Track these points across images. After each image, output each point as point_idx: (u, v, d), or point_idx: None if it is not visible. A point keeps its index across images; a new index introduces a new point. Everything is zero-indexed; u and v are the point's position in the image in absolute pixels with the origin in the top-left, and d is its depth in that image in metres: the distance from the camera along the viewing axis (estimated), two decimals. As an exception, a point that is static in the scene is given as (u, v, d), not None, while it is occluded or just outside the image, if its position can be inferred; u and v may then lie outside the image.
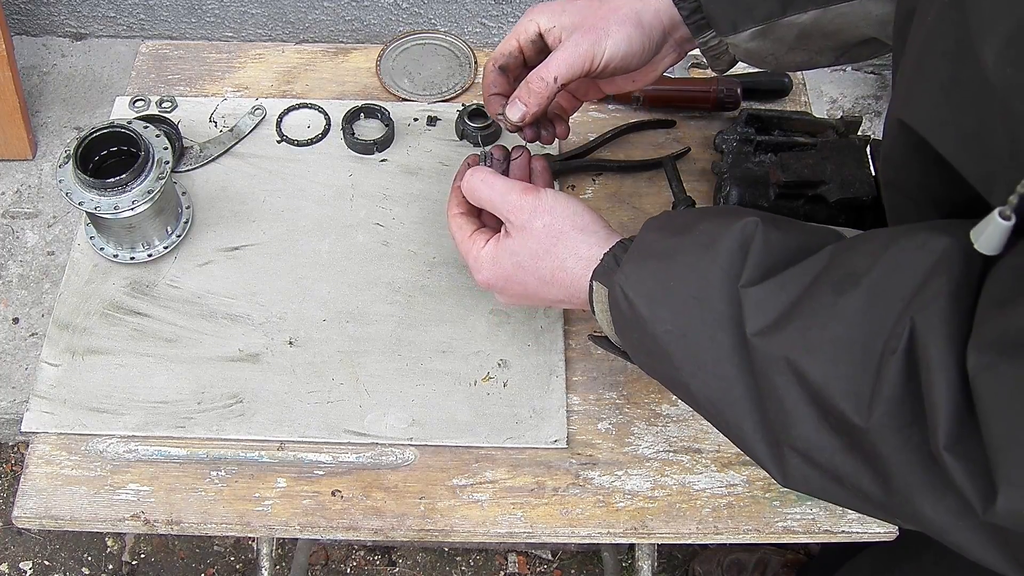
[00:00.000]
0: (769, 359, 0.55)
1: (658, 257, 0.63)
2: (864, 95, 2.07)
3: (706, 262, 0.59)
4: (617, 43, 0.76)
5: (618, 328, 0.67)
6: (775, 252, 0.58)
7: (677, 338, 0.60)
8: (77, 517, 0.81)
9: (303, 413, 0.86)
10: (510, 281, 0.75)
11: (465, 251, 0.78)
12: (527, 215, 0.73)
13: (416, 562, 1.70)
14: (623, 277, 0.64)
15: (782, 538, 0.83)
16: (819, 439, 0.54)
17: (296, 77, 1.09)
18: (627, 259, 0.65)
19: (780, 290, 0.56)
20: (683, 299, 0.60)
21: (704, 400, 0.61)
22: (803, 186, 0.89)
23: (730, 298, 0.57)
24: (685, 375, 0.61)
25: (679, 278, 0.61)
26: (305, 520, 0.81)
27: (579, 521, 0.82)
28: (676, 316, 0.60)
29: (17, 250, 1.79)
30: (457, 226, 0.79)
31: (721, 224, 0.60)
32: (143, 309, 0.91)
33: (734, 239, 0.58)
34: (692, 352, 0.60)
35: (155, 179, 0.87)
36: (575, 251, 0.71)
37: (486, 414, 0.86)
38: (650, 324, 0.62)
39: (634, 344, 0.66)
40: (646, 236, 0.66)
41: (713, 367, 0.59)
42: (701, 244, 0.60)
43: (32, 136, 1.87)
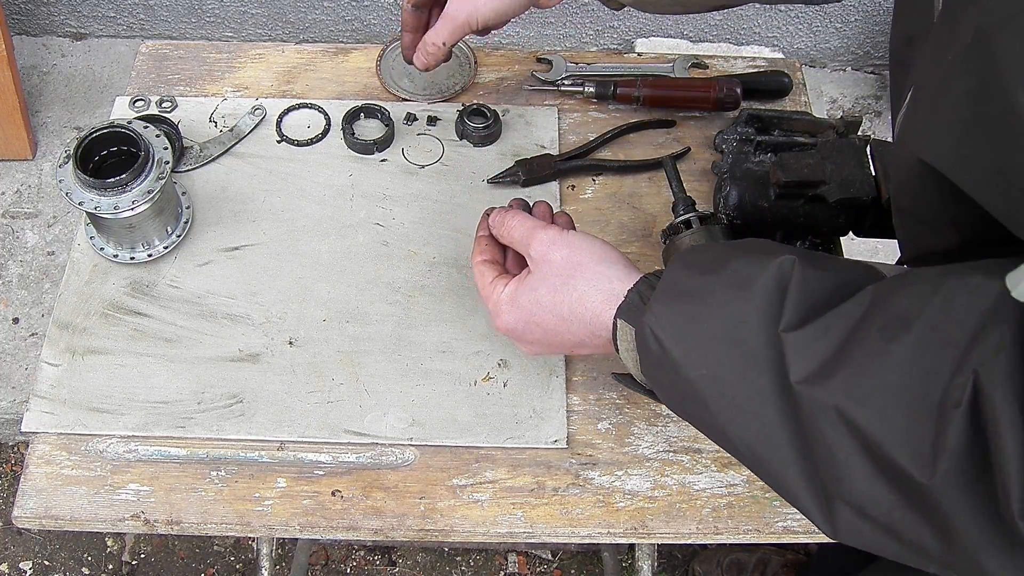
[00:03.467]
0: (817, 408, 0.52)
1: (689, 297, 0.60)
2: (864, 95, 2.07)
3: (741, 303, 0.57)
4: (485, 13, 0.88)
5: (646, 369, 0.65)
6: (814, 292, 0.55)
7: (712, 382, 0.58)
8: (77, 517, 0.81)
9: (303, 413, 0.86)
10: (529, 323, 0.73)
11: (486, 296, 0.77)
12: (546, 246, 0.72)
13: (416, 562, 1.70)
14: (652, 318, 0.61)
15: (782, 538, 0.83)
16: (874, 493, 0.51)
17: (296, 77, 1.09)
18: (656, 298, 0.63)
19: (823, 335, 0.53)
20: (718, 342, 0.57)
21: (743, 446, 0.58)
22: (803, 186, 0.89)
23: (769, 342, 0.55)
24: (722, 420, 0.58)
25: (712, 320, 0.58)
26: (305, 520, 0.81)
27: (579, 521, 0.82)
28: (711, 359, 0.58)
29: (17, 250, 1.79)
30: (479, 272, 0.78)
31: (755, 262, 0.58)
32: (143, 309, 0.91)
33: (770, 278, 0.56)
34: (729, 396, 0.57)
35: (155, 179, 0.87)
36: (595, 284, 0.69)
37: (486, 414, 0.86)
38: (683, 367, 0.59)
39: (665, 386, 0.64)
40: (674, 274, 0.63)
41: (753, 412, 0.56)
42: (735, 284, 0.58)
43: (32, 136, 1.87)
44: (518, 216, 0.77)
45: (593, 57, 1.11)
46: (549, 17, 1.97)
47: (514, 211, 0.79)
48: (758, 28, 2.00)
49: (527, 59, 1.12)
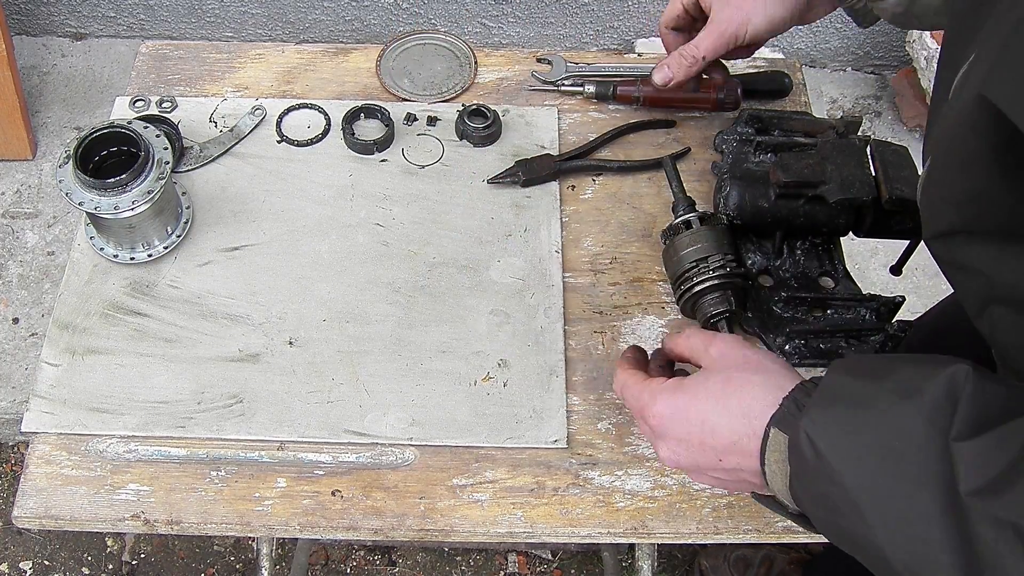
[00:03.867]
0: (990, 523, 0.49)
1: (850, 403, 0.57)
2: (864, 95, 2.07)
3: (907, 412, 0.54)
4: (759, 24, 0.85)
5: (797, 479, 0.61)
6: (988, 404, 0.53)
7: (871, 493, 0.55)
8: (77, 517, 0.81)
9: (303, 413, 0.86)
10: (687, 410, 0.67)
11: (639, 387, 0.71)
12: (728, 345, 0.69)
13: (416, 562, 1.70)
14: (809, 422, 0.58)
15: (782, 538, 0.83)
16: None
17: (296, 77, 1.09)
18: (814, 402, 0.60)
19: (998, 447, 0.50)
20: (879, 451, 0.55)
21: (899, 564, 0.54)
22: (803, 186, 0.89)
23: (937, 454, 0.52)
24: (879, 536, 0.55)
25: (874, 428, 0.55)
26: (305, 520, 0.81)
27: (579, 521, 0.82)
28: (870, 470, 0.55)
29: (17, 250, 1.79)
30: (629, 374, 0.74)
31: (924, 371, 0.55)
32: (143, 309, 0.91)
33: (941, 388, 0.53)
34: (890, 511, 0.54)
35: (155, 179, 0.87)
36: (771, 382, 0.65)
37: (486, 414, 0.86)
38: (840, 476, 0.56)
39: (815, 499, 0.60)
40: (835, 379, 0.61)
41: (914, 528, 0.53)
42: (901, 392, 0.55)
43: (32, 136, 1.87)
44: (699, 330, 0.74)
45: (593, 57, 1.11)
46: (549, 17, 1.97)
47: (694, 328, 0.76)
48: (758, 28, 2.00)
49: (527, 59, 1.12)
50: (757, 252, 0.94)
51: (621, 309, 0.94)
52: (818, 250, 0.94)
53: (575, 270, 0.96)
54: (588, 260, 0.97)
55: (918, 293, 1.80)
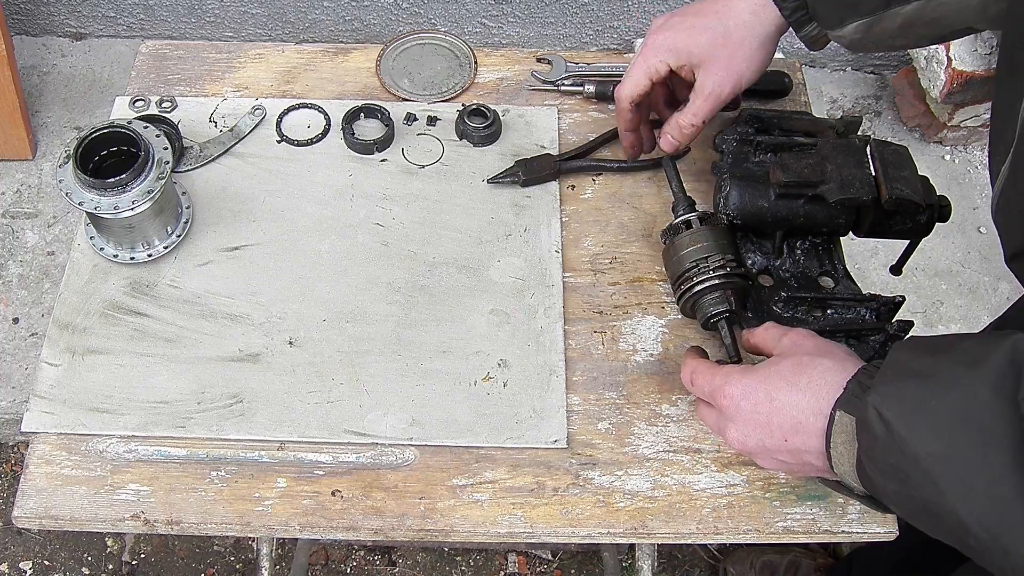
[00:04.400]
0: None
1: (917, 375, 0.60)
2: (864, 95, 2.07)
3: (974, 380, 0.57)
4: (750, 80, 0.88)
5: (867, 456, 0.63)
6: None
7: (943, 460, 0.57)
8: (77, 517, 0.81)
9: (303, 413, 0.86)
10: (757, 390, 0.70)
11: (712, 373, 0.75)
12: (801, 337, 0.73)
13: (416, 562, 1.70)
14: (878, 398, 0.61)
15: (782, 538, 0.83)
16: None
17: (296, 77, 1.09)
18: (880, 379, 0.62)
19: None
20: (948, 419, 0.57)
21: (976, 526, 0.56)
22: (803, 186, 0.89)
23: (1005, 417, 0.54)
24: (953, 500, 0.57)
25: (942, 397, 0.58)
26: (305, 520, 0.81)
27: (579, 521, 0.82)
28: (941, 436, 0.57)
29: (17, 250, 1.79)
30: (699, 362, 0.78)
31: (986, 342, 0.58)
32: (143, 309, 0.91)
33: (1004, 355, 0.56)
34: (961, 475, 0.56)
35: (155, 179, 0.87)
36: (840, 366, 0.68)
37: (486, 414, 0.86)
38: (910, 446, 0.58)
39: (886, 472, 0.62)
40: (899, 356, 0.63)
41: (987, 489, 0.55)
42: (965, 362, 0.58)
43: (32, 136, 1.87)
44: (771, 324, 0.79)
45: (593, 57, 1.11)
46: (549, 17, 1.97)
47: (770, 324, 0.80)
48: (758, 28, 2.00)
49: (527, 59, 1.12)
50: (757, 252, 0.94)
51: (621, 309, 0.94)
52: (818, 250, 0.94)
53: (575, 270, 0.96)
54: (588, 260, 0.97)
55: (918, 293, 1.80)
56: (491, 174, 1.00)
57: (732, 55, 0.86)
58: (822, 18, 0.84)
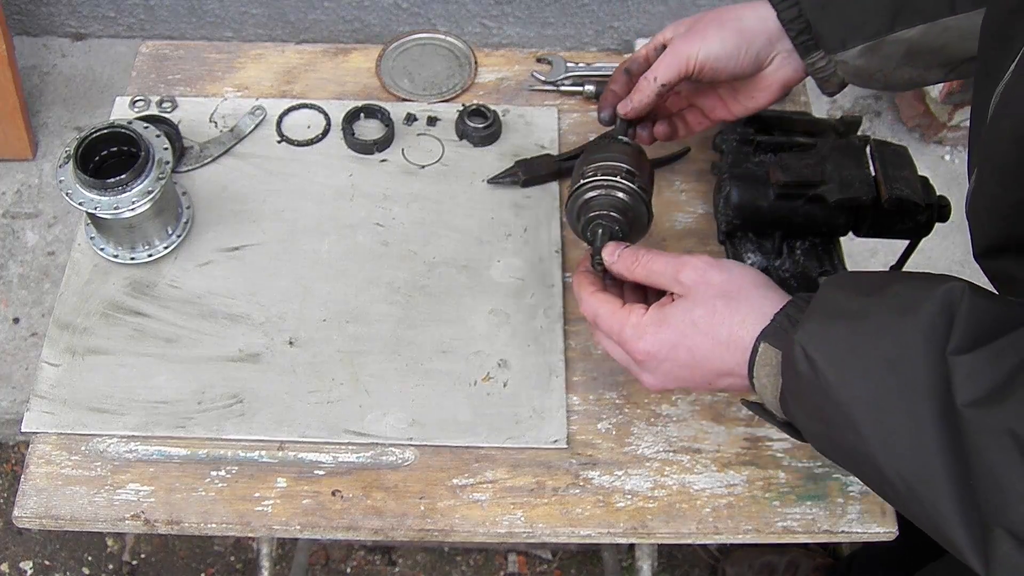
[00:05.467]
0: (986, 432, 0.51)
1: (847, 317, 0.58)
2: (864, 95, 2.07)
3: (905, 326, 0.55)
4: (711, 46, 0.81)
5: (790, 393, 0.62)
6: (984, 320, 0.54)
7: (867, 406, 0.56)
8: (77, 517, 0.81)
9: (303, 413, 0.86)
10: (678, 346, 0.68)
11: (617, 323, 0.72)
12: (702, 270, 0.69)
13: (416, 562, 1.70)
14: (805, 336, 0.59)
15: (782, 538, 0.83)
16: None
17: (296, 77, 1.09)
18: (809, 317, 0.60)
19: (995, 360, 0.52)
20: (876, 364, 0.56)
21: (893, 474, 0.56)
22: (803, 186, 0.89)
23: (933, 366, 0.53)
24: (872, 447, 0.56)
25: (872, 341, 0.56)
26: (305, 520, 0.81)
27: (579, 521, 0.82)
28: (867, 382, 0.56)
29: (17, 250, 1.79)
30: (600, 300, 0.74)
31: (920, 287, 0.57)
32: (143, 309, 0.91)
33: (937, 303, 0.55)
34: (884, 421, 0.55)
35: (155, 179, 0.87)
36: (759, 307, 0.66)
37: (486, 414, 0.86)
38: (835, 389, 0.57)
39: (810, 412, 0.61)
40: (830, 293, 0.62)
41: (908, 439, 0.54)
42: (898, 307, 0.56)
43: (32, 136, 1.87)
44: (651, 251, 0.74)
45: (593, 57, 1.11)
46: (549, 17, 1.97)
47: (642, 247, 0.75)
48: (758, 28, 2.00)
49: (527, 59, 1.12)
50: (757, 252, 0.94)
51: (621, 309, 0.93)
52: (818, 250, 0.94)
53: (575, 270, 0.96)
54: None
55: (918, 293, 1.80)
56: (491, 174, 1.00)
57: (704, 25, 0.83)
58: (825, 38, 0.81)
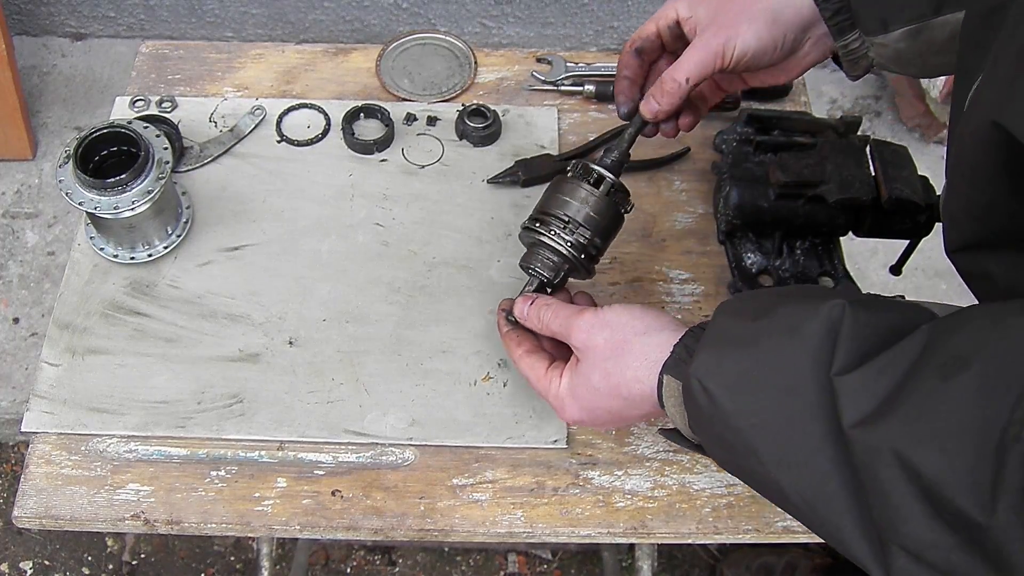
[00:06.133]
0: (872, 452, 0.51)
1: (737, 344, 0.59)
2: (864, 95, 2.07)
3: (792, 349, 0.55)
4: (747, 41, 0.76)
5: (694, 423, 0.63)
6: (866, 335, 0.54)
7: (763, 431, 0.56)
8: (77, 517, 0.81)
9: (303, 413, 0.86)
10: (595, 410, 0.71)
11: (543, 391, 0.75)
12: (587, 333, 0.71)
13: (416, 562, 1.70)
14: (700, 367, 0.60)
15: (782, 538, 0.83)
16: (932, 537, 0.50)
17: (296, 77, 1.09)
18: (702, 347, 0.61)
19: (878, 377, 0.52)
20: (769, 389, 0.56)
21: (796, 497, 0.56)
22: (803, 186, 0.89)
23: (821, 387, 0.54)
24: (774, 471, 0.56)
25: (763, 367, 0.57)
26: (305, 520, 0.81)
27: (579, 521, 0.82)
28: (761, 408, 0.56)
29: (17, 250, 1.79)
30: (528, 366, 0.76)
31: (804, 307, 0.57)
32: (143, 309, 0.91)
33: (820, 323, 0.55)
34: (781, 446, 0.56)
35: (155, 179, 0.87)
36: (645, 356, 0.67)
37: (486, 414, 0.86)
38: (733, 417, 0.57)
39: (713, 440, 0.62)
40: (720, 322, 0.62)
41: (805, 461, 0.54)
42: (784, 329, 0.56)
43: (32, 136, 1.87)
44: (551, 306, 0.76)
45: (593, 57, 1.11)
46: (549, 17, 1.97)
47: (540, 301, 0.77)
48: (758, 28, 2.00)
49: (527, 59, 1.12)
50: (757, 252, 0.94)
51: (621, 309, 0.93)
52: (818, 250, 0.94)
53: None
54: (588, 260, 0.96)
55: (918, 293, 1.80)
56: (491, 174, 1.00)
57: (735, 14, 0.77)
58: (864, 21, 0.76)
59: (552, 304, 0.76)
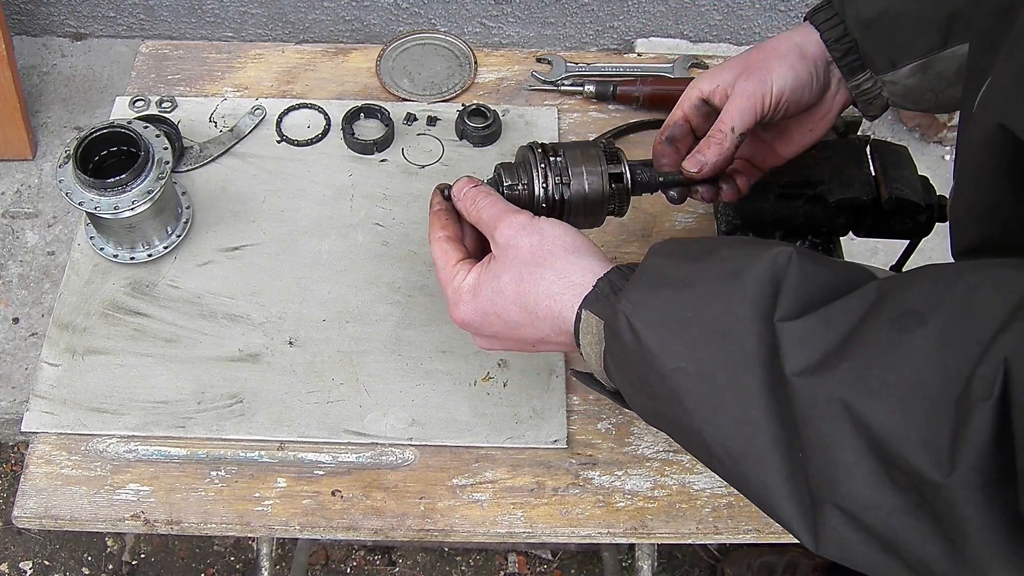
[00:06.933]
0: (815, 402, 0.49)
1: (672, 285, 0.56)
2: (864, 95, 2.06)
3: (731, 293, 0.53)
4: (783, 76, 0.75)
5: (615, 364, 0.60)
6: (812, 285, 0.52)
7: (691, 377, 0.53)
8: (77, 517, 0.81)
9: (303, 413, 0.86)
10: (489, 315, 0.67)
11: (445, 280, 0.70)
12: (514, 231, 0.67)
13: (416, 562, 1.70)
14: (628, 305, 0.56)
15: (781, 538, 0.83)
16: (874, 496, 0.47)
17: (296, 77, 1.09)
18: (632, 285, 0.58)
19: (825, 326, 0.50)
20: (701, 333, 0.53)
21: (719, 449, 0.53)
22: (803, 186, 0.89)
23: (760, 334, 0.51)
24: (697, 420, 0.54)
25: (696, 309, 0.54)
26: (305, 520, 0.81)
27: (579, 521, 0.82)
28: (692, 352, 0.53)
29: (17, 250, 1.79)
30: (441, 250, 0.71)
31: (747, 253, 0.54)
32: (143, 309, 0.91)
33: (763, 269, 0.52)
34: (709, 394, 0.53)
35: (155, 179, 0.87)
36: (566, 275, 0.64)
37: (486, 414, 0.86)
38: (659, 360, 0.54)
39: (634, 383, 0.59)
40: (654, 261, 0.59)
41: (735, 411, 0.52)
42: (725, 273, 0.54)
43: (32, 136, 1.87)
44: (490, 196, 0.71)
45: (593, 57, 1.11)
46: (549, 17, 1.97)
47: (484, 188, 0.72)
48: (758, 28, 2.00)
49: (527, 59, 1.12)
50: (757, 252, 0.93)
51: (621, 309, 0.93)
52: (818, 250, 0.94)
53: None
54: (588, 260, 0.96)
55: (918, 293, 1.80)
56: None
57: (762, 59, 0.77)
58: (873, 60, 0.77)
59: (493, 195, 0.71)
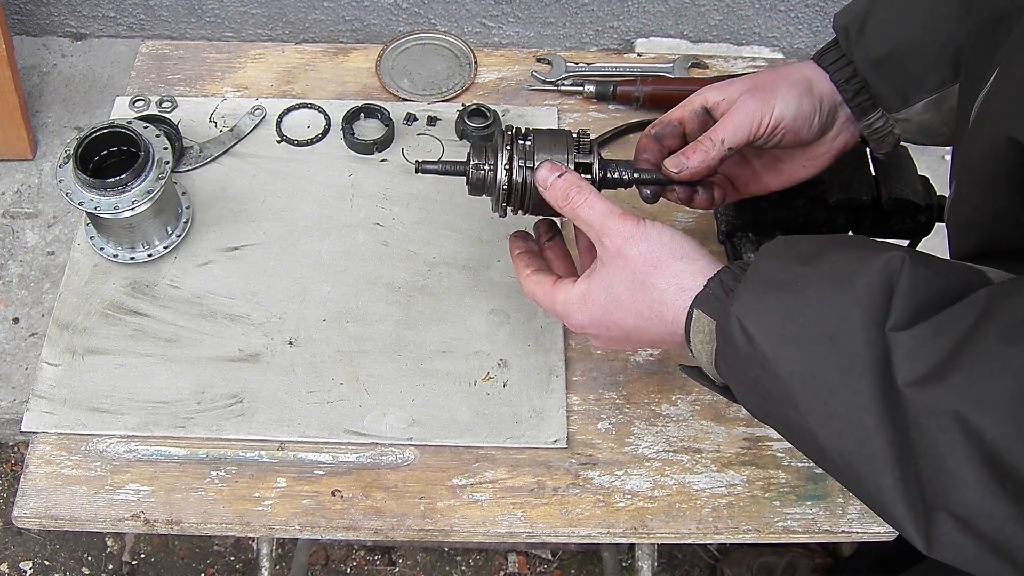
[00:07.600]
0: (928, 412, 0.49)
1: (783, 289, 0.56)
2: (864, 95, 2.06)
3: (843, 299, 0.53)
4: (787, 103, 0.74)
5: (727, 365, 0.61)
6: (924, 292, 0.52)
7: (805, 381, 0.54)
8: (77, 517, 0.81)
9: (303, 413, 0.86)
10: (605, 321, 0.69)
11: (551, 301, 0.72)
12: (623, 240, 0.68)
13: (416, 562, 1.70)
14: (741, 308, 0.57)
15: (782, 538, 0.83)
16: (988, 505, 0.48)
17: (296, 77, 1.09)
18: (744, 288, 0.59)
19: (936, 336, 0.50)
20: (815, 338, 0.54)
21: (833, 451, 0.54)
22: (803, 186, 0.89)
23: (871, 341, 0.51)
24: (812, 422, 0.54)
25: (809, 314, 0.54)
26: (305, 520, 0.81)
27: (579, 521, 0.82)
28: (805, 357, 0.54)
29: (17, 250, 1.79)
30: (536, 283, 0.74)
31: (859, 256, 0.54)
32: (143, 309, 0.91)
33: (876, 275, 0.52)
34: (822, 397, 0.54)
35: (155, 179, 0.87)
36: (677, 281, 0.65)
37: (486, 414, 0.86)
38: (773, 364, 0.55)
39: (747, 384, 0.60)
40: (765, 264, 0.60)
41: (848, 415, 0.53)
42: (836, 278, 0.54)
43: (32, 136, 1.87)
44: (582, 191, 0.71)
45: (593, 57, 1.11)
46: (549, 17, 1.97)
47: (572, 177, 0.72)
48: (758, 28, 2.00)
49: (527, 59, 1.12)
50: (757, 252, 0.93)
51: (621, 309, 0.93)
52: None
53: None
54: (588, 260, 0.96)
55: (918, 293, 1.80)
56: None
57: (771, 81, 0.76)
58: (885, 99, 0.76)
59: (584, 187, 0.71)
